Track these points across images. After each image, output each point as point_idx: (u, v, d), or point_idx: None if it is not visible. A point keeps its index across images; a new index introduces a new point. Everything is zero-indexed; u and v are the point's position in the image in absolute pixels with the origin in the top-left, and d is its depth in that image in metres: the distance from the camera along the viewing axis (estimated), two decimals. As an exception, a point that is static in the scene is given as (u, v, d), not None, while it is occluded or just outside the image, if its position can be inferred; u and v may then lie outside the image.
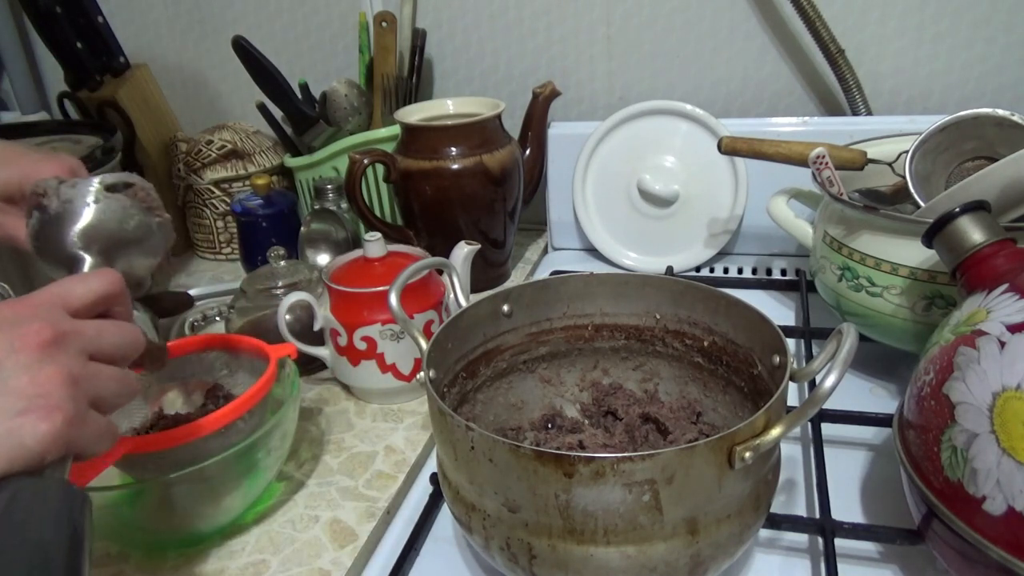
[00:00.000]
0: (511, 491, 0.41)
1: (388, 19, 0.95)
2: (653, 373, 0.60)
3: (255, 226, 0.91)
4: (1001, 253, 0.46)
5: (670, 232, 0.91)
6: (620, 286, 0.58)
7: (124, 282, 0.40)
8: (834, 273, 0.66)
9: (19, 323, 0.34)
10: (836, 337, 0.41)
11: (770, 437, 0.39)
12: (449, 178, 0.82)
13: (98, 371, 0.36)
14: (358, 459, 0.63)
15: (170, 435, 0.51)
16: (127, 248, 0.46)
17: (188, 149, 1.03)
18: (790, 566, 0.51)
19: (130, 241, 0.46)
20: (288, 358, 0.60)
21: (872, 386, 0.67)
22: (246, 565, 0.53)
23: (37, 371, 0.33)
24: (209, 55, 1.14)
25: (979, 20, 0.85)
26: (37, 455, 0.32)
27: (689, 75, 0.96)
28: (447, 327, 0.52)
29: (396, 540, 0.55)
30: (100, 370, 0.36)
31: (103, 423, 0.36)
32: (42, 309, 0.36)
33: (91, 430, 0.34)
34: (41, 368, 0.33)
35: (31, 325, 0.34)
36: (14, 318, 0.34)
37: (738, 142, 0.73)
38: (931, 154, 0.66)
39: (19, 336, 0.33)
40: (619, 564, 0.40)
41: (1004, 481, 0.37)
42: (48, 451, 0.32)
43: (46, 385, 0.33)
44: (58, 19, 0.96)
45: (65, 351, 0.34)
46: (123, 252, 0.46)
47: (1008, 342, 0.39)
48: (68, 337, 0.35)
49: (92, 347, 0.36)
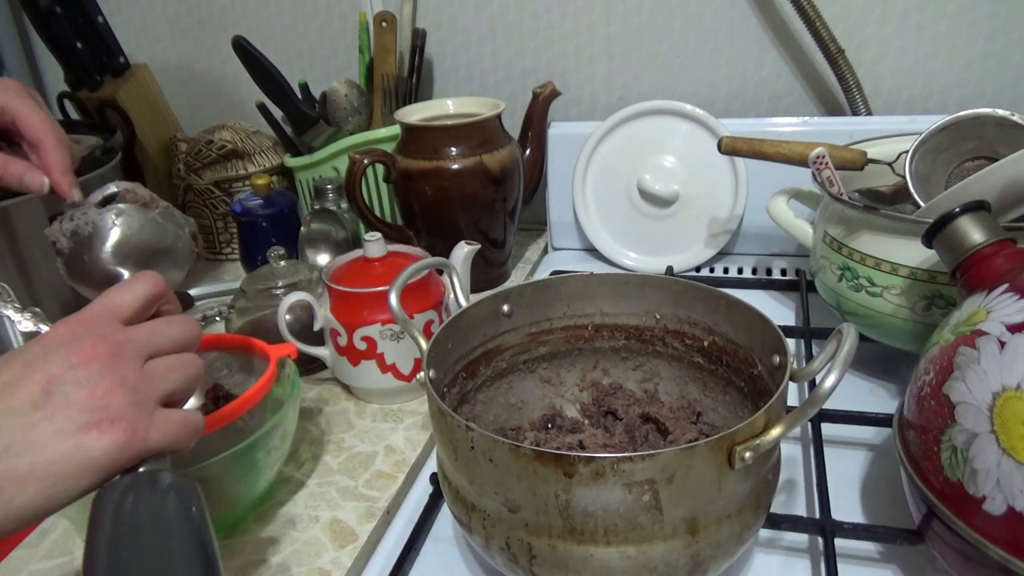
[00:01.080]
0: (511, 491, 0.41)
1: (388, 19, 0.95)
2: (653, 373, 0.60)
3: (255, 226, 0.91)
4: (1001, 253, 0.46)
5: (670, 232, 0.91)
6: (620, 286, 0.58)
7: (164, 280, 0.41)
8: (834, 273, 0.66)
9: (75, 340, 0.35)
10: (836, 337, 0.41)
11: (770, 437, 0.39)
12: (449, 178, 0.82)
13: (155, 370, 0.37)
14: (358, 459, 0.63)
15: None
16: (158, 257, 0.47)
17: (188, 149, 1.03)
18: (790, 566, 0.51)
19: (159, 249, 0.48)
20: (288, 358, 0.60)
21: (872, 386, 0.67)
22: (246, 565, 0.53)
23: (96, 384, 0.34)
24: (209, 55, 1.14)
25: (979, 20, 0.85)
26: (110, 464, 0.33)
27: (689, 75, 0.96)
28: (447, 327, 0.52)
29: (396, 540, 0.55)
30: (157, 368, 0.37)
31: (177, 417, 0.36)
32: (96, 324, 0.37)
33: (164, 429, 0.35)
34: (100, 381, 0.34)
35: (86, 341, 0.35)
36: (70, 335, 0.35)
37: (738, 142, 0.73)
38: (931, 154, 0.66)
39: (76, 352, 0.34)
40: (619, 564, 0.40)
41: (1004, 481, 0.37)
42: (118, 460, 0.33)
43: (105, 397, 0.33)
44: (58, 19, 0.96)
45: (122, 361, 0.35)
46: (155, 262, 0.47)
47: (1008, 342, 0.39)
48: (123, 347, 0.36)
49: (148, 350, 0.37)
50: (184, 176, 1.03)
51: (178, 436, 0.36)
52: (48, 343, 0.35)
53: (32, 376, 0.33)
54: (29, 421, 0.32)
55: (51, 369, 0.34)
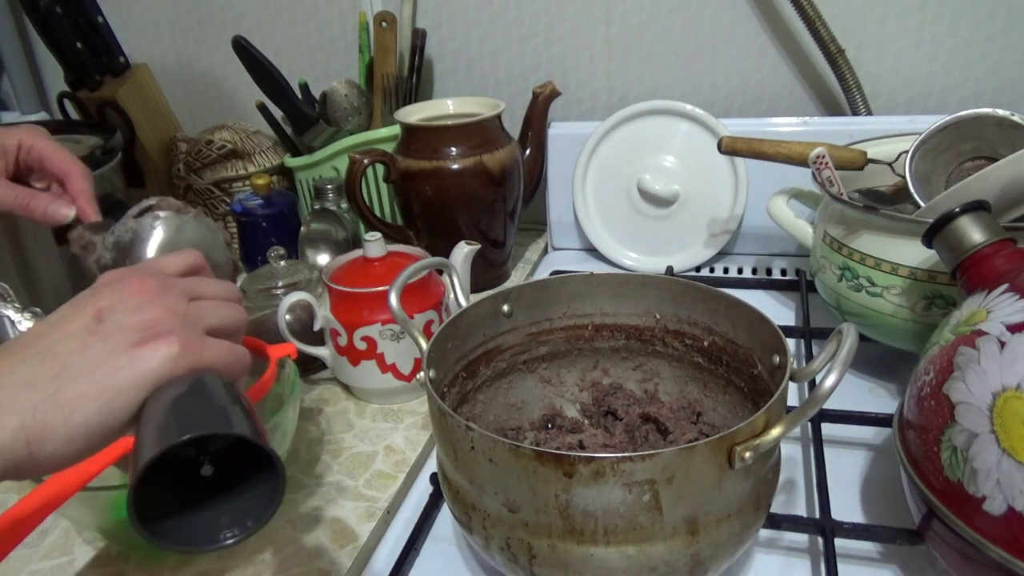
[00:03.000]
0: (511, 491, 0.41)
1: (388, 19, 0.95)
2: (653, 373, 0.60)
3: (255, 226, 0.91)
4: (1001, 253, 0.46)
5: (670, 232, 0.91)
6: (620, 286, 0.58)
7: (204, 257, 0.43)
8: (834, 273, 0.66)
9: (124, 279, 0.37)
10: (836, 337, 0.41)
11: (770, 437, 0.39)
12: (449, 178, 0.82)
13: (202, 305, 0.38)
14: (358, 459, 0.63)
15: (170, 435, 0.51)
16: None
17: (188, 149, 1.03)
18: (790, 566, 0.51)
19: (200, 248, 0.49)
20: (288, 358, 0.60)
21: (872, 386, 0.67)
22: (246, 565, 0.53)
23: (146, 311, 0.35)
24: (209, 55, 1.14)
25: (979, 20, 0.85)
26: (166, 375, 0.33)
27: (689, 75, 0.96)
28: (447, 327, 0.52)
29: (396, 540, 0.55)
30: (204, 304, 0.38)
31: (227, 345, 0.37)
32: (141, 270, 0.39)
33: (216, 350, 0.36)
34: (150, 308, 0.35)
35: (133, 279, 0.37)
36: (119, 276, 0.38)
37: (738, 142, 0.73)
38: (931, 154, 0.66)
39: (125, 287, 0.36)
40: (619, 564, 0.40)
41: (1004, 481, 0.37)
42: (174, 371, 0.34)
43: (156, 318, 0.35)
44: (58, 19, 0.96)
45: (169, 295, 0.37)
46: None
47: (1008, 342, 0.39)
48: (169, 285, 0.38)
49: (194, 293, 0.39)
50: (184, 176, 1.03)
51: (228, 360, 0.37)
52: (96, 286, 0.37)
53: (83, 309, 0.35)
54: (84, 343, 0.33)
55: (101, 302, 0.35)
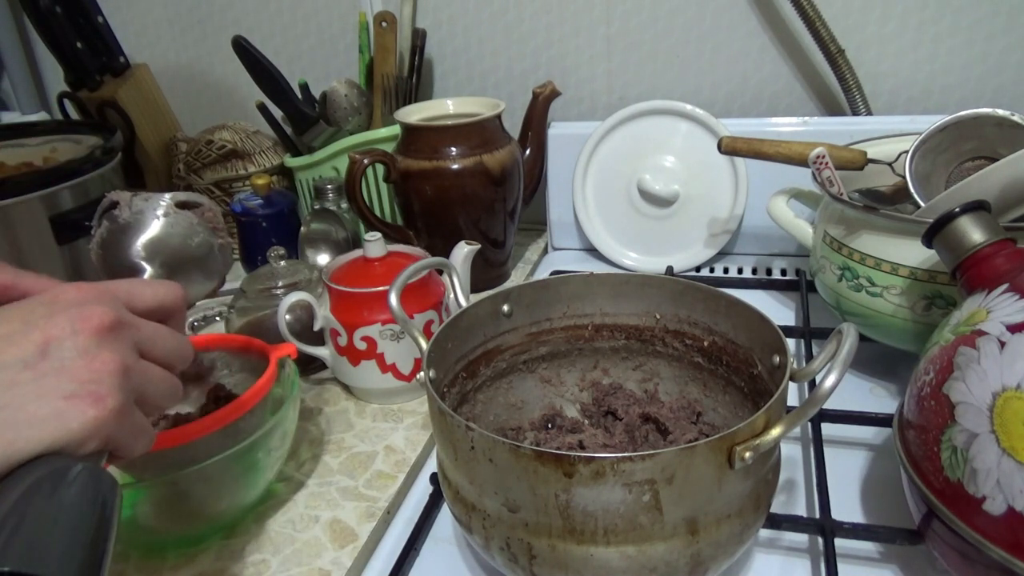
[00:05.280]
0: (511, 491, 0.41)
1: (388, 19, 0.95)
2: (653, 373, 0.60)
3: (255, 226, 0.90)
4: (1001, 253, 0.46)
5: (670, 232, 0.91)
6: (620, 286, 0.58)
7: (186, 298, 0.40)
8: (834, 273, 0.66)
9: (82, 305, 0.34)
10: (836, 337, 0.41)
11: (770, 437, 0.39)
12: (449, 178, 0.82)
13: (148, 368, 0.36)
14: (358, 459, 0.63)
15: (170, 435, 0.51)
16: (188, 266, 0.47)
17: (188, 149, 1.03)
18: (790, 566, 0.51)
19: (192, 259, 0.47)
20: (288, 358, 0.60)
21: (872, 386, 0.67)
22: (246, 565, 0.53)
23: (94, 356, 0.32)
24: (209, 55, 1.14)
25: (979, 20, 0.85)
26: (79, 439, 0.31)
27: (689, 75, 0.96)
28: (447, 327, 0.52)
29: (396, 540, 0.55)
30: (150, 368, 0.36)
31: (144, 422, 0.35)
32: (106, 296, 0.35)
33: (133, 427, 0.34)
34: (98, 353, 0.33)
35: (93, 308, 0.34)
36: (78, 300, 0.34)
37: (738, 142, 0.73)
38: (931, 154, 0.66)
39: (80, 318, 0.33)
40: (619, 564, 0.40)
41: (1004, 481, 0.37)
42: (91, 437, 0.31)
43: (100, 371, 0.32)
44: (58, 19, 0.96)
45: (122, 340, 0.34)
46: (184, 270, 0.47)
47: (1008, 342, 0.39)
48: (126, 328, 0.35)
49: (146, 345, 0.36)
50: (184, 176, 1.03)
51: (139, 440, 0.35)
52: (54, 303, 0.34)
53: (30, 334, 0.32)
54: (14, 379, 0.31)
55: (52, 329, 0.32)
